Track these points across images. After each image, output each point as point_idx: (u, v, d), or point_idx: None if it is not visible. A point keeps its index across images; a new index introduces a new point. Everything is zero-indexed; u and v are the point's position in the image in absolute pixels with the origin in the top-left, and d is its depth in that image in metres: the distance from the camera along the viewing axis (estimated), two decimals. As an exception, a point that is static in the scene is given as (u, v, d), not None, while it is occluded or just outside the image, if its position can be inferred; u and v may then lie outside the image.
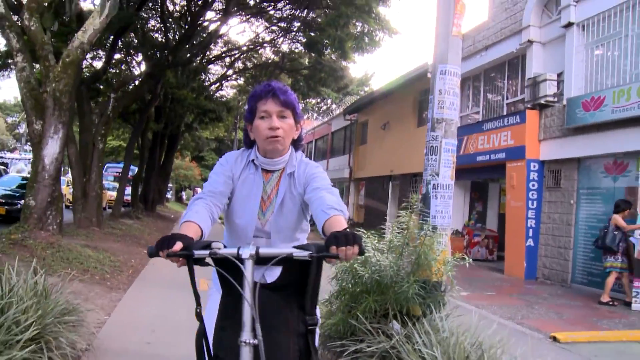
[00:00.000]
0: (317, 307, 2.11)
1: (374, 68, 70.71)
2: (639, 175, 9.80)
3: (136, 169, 24.38)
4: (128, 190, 22.53)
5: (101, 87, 16.80)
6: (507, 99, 14.25)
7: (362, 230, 4.63)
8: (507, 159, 12.66)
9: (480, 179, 15.87)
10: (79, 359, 3.96)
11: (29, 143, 62.81)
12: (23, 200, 16.10)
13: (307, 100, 29.03)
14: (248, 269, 1.83)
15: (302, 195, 2.34)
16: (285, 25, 19.81)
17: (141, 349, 4.74)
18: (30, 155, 39.78)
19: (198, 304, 1.93)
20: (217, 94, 27.58)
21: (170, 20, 17.90)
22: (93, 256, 8.51)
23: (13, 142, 63.77)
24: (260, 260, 1.87)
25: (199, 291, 1.91)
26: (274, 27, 20.81)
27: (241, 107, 29.95)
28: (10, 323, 2.87)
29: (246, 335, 1.79)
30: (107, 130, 13.58)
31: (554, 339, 6.40)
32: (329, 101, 35.61)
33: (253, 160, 2.41)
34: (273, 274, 2.09)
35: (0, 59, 18.16)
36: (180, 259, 1.86)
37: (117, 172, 29.07)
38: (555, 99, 11.71)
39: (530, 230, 12.14)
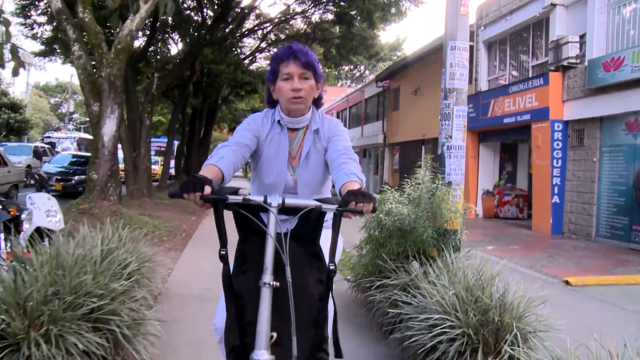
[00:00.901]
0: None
1: (406, 32, 70.21)
2: (657, 131, 10.28)
3: (177, 143, 25.44)
4: (172, 163, 23.61)
5: (141, 66, 17.73)
6: (533, 61, 14.64)
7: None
8: (532, 120, 13.16)
9: (508, 140, 16.35)
10: (156, 296, 4.89)
11: (71, 122, 64.90)
12: (76, 177, 17.38)
13: (340, 68, 29.53)
14: (272, 217, 1.93)
15: (326, 149, 2.48)
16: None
17: (202, 293, 5.63)
18: (75, 134, 41.35)
19: (223, 245, 1.99)
20: (252, 67, 28.35)
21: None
22: (150, 222, 9.50)
23: (57, 122, 65.94)
24: (285, 210, 1.99)
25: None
26: (305, -2, 21.33)
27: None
28: (119, 260, 3.77)
29: (267, 278, 1.90)
30: (153, 107, 14.54)
31: (567, 282, 7.10)
32: (362, 67, 36.04)
33: (278, 121, 2.52)
34: (289, 224, 2.15)
35: (46, 44, 19.26)
36: (206, 202, 1.93)
37: (157, 147, 29.97)
38: (578, 61, 12.11)
39: (556, 188, 12.69)
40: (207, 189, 1.88)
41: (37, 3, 17.22)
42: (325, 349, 2.08)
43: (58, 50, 19.79)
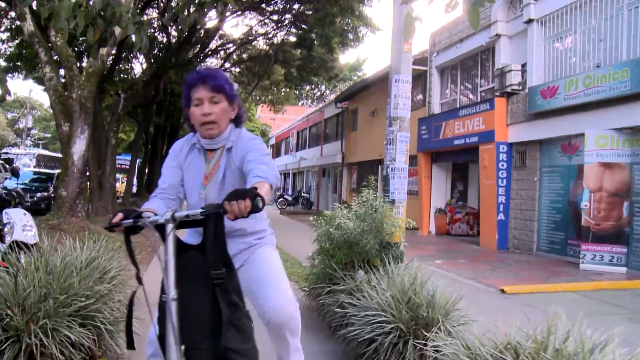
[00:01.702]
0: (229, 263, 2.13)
1: (366, 53, 71.95)
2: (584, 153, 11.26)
3: (139, 160, 25.71)
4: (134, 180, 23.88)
5: (105, 86, 18.11)
6: (481, 87, 15.63)
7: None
8: (480, 142, 14.08)
9: (458, 160, 17.27)
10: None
11: (29, 138, 63.94)
12: (39, 193, 17.51)
13: (301, 87, 30.31)
14: (168, 232, 2.00)
15: (241, 169, 2.49)
16: (277, 17, 21.07)
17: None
18: (33, 150, 40.95)
19: (137, 268, 2.18)
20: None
21: (171, 23, 19.19)
22: (117, 238, 9.92)
23: (14, 137, 64.88)
24: (181, 225, 2.05)
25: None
26: (267, 20, 22.07)
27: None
28: (101, 267, 4.31)
29: (170, 291, 1.98)
30: (119, 127, 14.97)
31: (502, 291, 7.85)
32: (323, 87, 36.90)
33: (195, 144, 2.61)
34: (198, 237, 2.28)
35: (9, 61, 19.52)
36: (117, 228, 2.10)
37: (119, 164, 30.07)
38: (520, 88, 13.10)
39: (501, 206, 13.59)
40: (117, 217, 2.09)
41: (1, 21, 17.48)
42: (242, 354, 2.04)
43: (20, 67, 20.04)
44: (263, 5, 20.07)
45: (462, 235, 16.94)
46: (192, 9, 5.63)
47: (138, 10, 14.74)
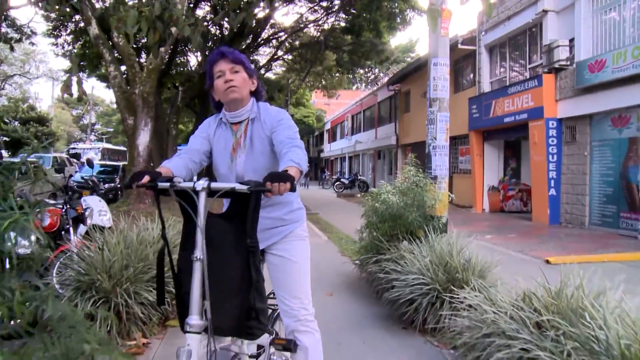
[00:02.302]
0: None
1: (418, 34, 71.30)
2: (638, 125, 11.23)
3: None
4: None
5: (164, 79, 19.00)
6: (530, 63, 15.61)
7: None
8: (529, 119, 14.15)
9: (510, 138, 17.29)
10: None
11: (93, 133, 66.66)
12: (106, 185, 18.61)
13: (353, 72, 30.60)
14: (201, 199, 2.15)
15: (270, 138, 2.64)
16: (326, 4, 21.41)
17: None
18: (98, 144, 42.86)
19: (163, 226, 2.32)
20: (267, 75, 29.49)
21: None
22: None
23: (79, 133, 67.76)
24: (212, 193, 2.19)
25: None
26: (316, 7, 22.45)
27: (291, 85, 31.91)
28: (171, 241, 4.89)
29: (197, 253, 2.12)
30: (178, 118, 15.79)
31: (547, 261, 8.11)
32: (376, 70, 37.14)
33: (221, 119, 2.76)
34: (225, 206, 2.42)
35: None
36: (148, 190, 2.25)
37: (180, 154, 31.06)
38: (568, 63, 13.09)
39: (552, 181, 13.66)
40: (145, 178, 2.21)
41: (66, 24, 18.54)
42: (256, 318, 2.26)
43: (84, 66, 21.16)
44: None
45: (515, 212, 17.03)
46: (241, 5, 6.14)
47: (190, 11, 15.48)
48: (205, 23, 19.66)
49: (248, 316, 2.24)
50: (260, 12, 20.06)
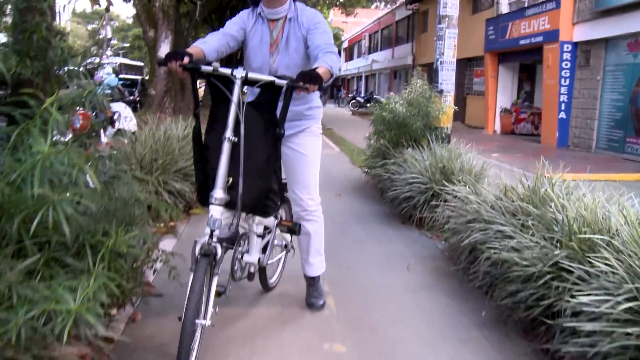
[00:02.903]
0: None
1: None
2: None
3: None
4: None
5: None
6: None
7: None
8: (544, 42, 14.21)
9: (524, 61, 17.34)
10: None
11: (109, 48, 66.43)
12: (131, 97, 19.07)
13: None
14: (237, 86, 2.31)
15: (306, 38, 2.80)
16: None
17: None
18: (116, 59, 42.98)
19: (196, 106, 2.47)
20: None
21: None
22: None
23: (95, 48, 67.37)
24: (248, 82, 2.37)
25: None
26: None
27: (309, 2, 31.49)
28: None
29: (228, 133, 2.30)
30: (197, 32, 15.96)
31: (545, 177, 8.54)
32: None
33: (260, 14, 2.84)
34: (252, 95, 2.49)
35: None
36: (184, 71, 2.33)
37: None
38: (588, -16, 13.02)
39: (563, 105, 13.89)
40: (186, 59, 2.30)
41: None
42: (272, 198, 2.53)
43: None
44: None
45: (526, 135, 17.30)
46: None
47: None
48: None
49: (266, 196, 2.49)
50: None
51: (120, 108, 7.56)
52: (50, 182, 1.57)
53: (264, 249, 2.96)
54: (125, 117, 7.70)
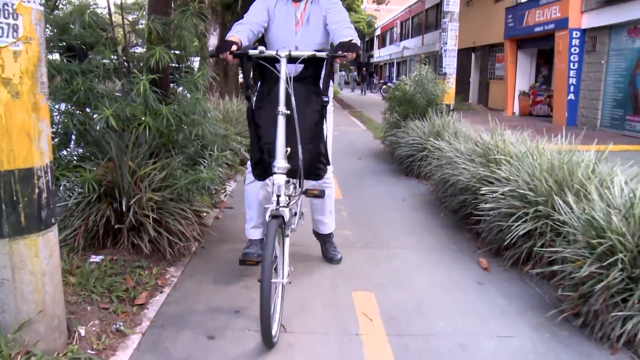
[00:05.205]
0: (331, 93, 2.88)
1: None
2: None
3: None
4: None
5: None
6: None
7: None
8: (556, 29, 15.45)
9: (539, 47, 18.48)
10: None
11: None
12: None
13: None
14: (283, 64, 2.50)
15: (325, 18, 3.02)
16: None
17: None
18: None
19: (247, 88, 2.65)
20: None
21: None
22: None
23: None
24: (291, 60, 2.55)
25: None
26: None
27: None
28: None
29: (281, 107, 2.49)
30: (238, 23, 17.56)
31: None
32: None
33: None
34: (297, 70, 2.67)
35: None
36: (234, 58, 2.54)
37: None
38: (595, -25, 14.21)
39: (572, 87, 15.14)
40: (234, 47, 2.52)
41: None
42: (322, 160, 2.76)
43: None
44: None
45: (542, 116, 18.49)
46: None
47: None
48: None
49: (318, 160, 2.73)
50: None
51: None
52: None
53: None
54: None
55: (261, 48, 2.54)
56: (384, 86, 32.29)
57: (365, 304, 2.97)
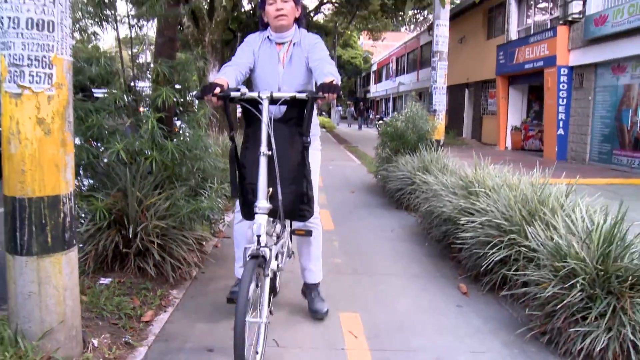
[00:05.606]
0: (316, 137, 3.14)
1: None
2: (632, 74, 13.04)
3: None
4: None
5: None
6: (551, 15, 17.23)
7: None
8: (545, 66, 15.96)
9: (529, 83, 19.01)
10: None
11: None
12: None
13: (397, 17, 32.00)
14: (265, 106, 2.54)
15: (307, 59, 3.08)
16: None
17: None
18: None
19: (232, 129, 2.71)
20: (317, 17, 31.24)
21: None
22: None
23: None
24: (273, 101, 2.59)
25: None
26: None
27: (338, 28, 33.65)
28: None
29: (263, 148, 2.52)
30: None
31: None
32: (425, 12, 38.30)
33: (268, 37, 3.11)
34: (281, 111, 2.75)
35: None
36: (218, 100, 2.56)
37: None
38: (580, 16, 14.75)
39: (561, 122, 15.58)
40: (217, 89, 2.55)
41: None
42: (307, 203, 2.77)
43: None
44: None
45: (534, 150, 18.88)
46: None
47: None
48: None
49: (301, 201, 2.76)
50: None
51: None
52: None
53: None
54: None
55: (243, 90, 2.61)
56: (379, 121, 32.88)
57: (351, 323, 3.24)
